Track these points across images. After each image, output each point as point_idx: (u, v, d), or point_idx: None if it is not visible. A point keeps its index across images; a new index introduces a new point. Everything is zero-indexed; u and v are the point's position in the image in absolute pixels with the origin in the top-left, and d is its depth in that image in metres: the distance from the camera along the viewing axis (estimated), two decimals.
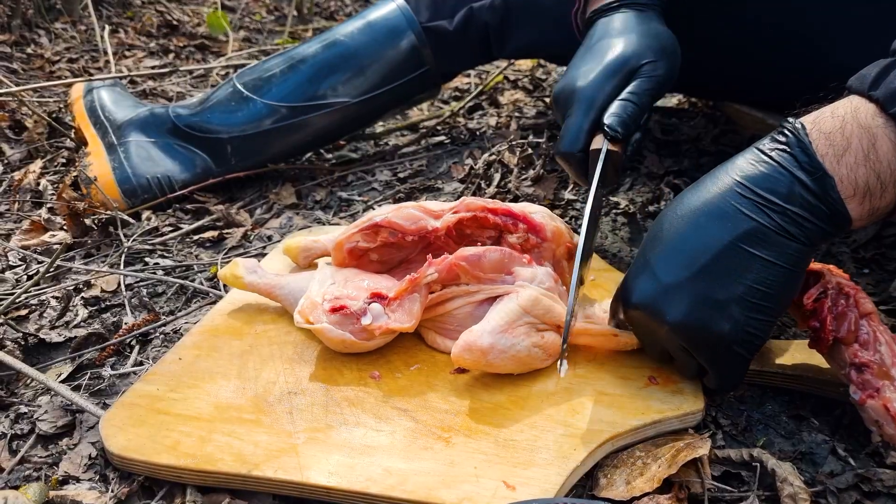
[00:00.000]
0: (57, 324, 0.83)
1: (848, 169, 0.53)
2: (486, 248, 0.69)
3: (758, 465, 0.58)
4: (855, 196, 0.54)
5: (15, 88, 1.37)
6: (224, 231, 1.03)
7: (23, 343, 0.77)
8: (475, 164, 1.17)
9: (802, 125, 0.56)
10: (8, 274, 0.94)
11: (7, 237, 1.04)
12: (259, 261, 0.89)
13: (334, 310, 0.66)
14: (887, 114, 0.53)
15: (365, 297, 0.67)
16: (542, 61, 1.74)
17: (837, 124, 0.54)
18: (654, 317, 0.58)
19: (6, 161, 1.29)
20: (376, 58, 1.13)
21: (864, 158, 0.53)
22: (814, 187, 0.54)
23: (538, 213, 0.74)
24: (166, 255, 0.98)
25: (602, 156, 0.70)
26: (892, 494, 0.55)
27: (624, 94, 0.73)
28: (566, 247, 0.75)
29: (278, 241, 0.98)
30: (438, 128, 1.44)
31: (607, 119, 0.71)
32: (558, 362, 0.61)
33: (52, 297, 0.87)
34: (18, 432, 0.66)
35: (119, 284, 0.90)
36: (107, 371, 0.73)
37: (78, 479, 0.60)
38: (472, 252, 0.68)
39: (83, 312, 0.84)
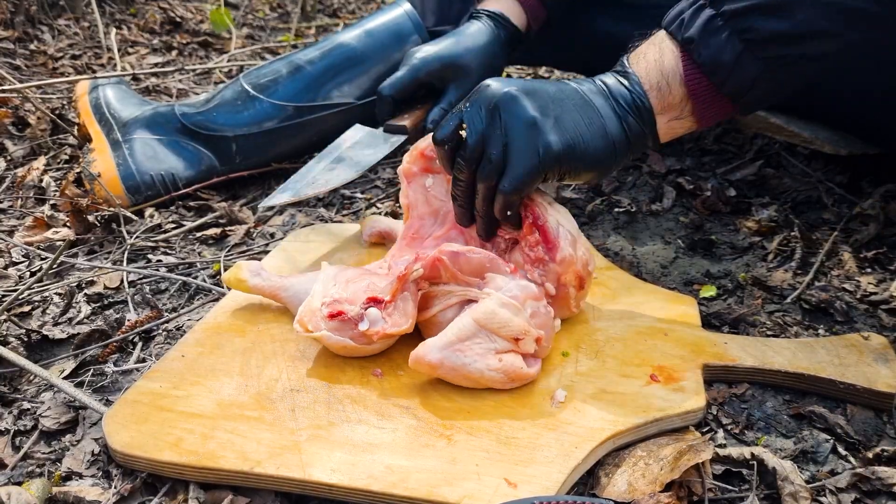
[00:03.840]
0: (60, 320, 0.83)
1: (645, 70, 0.70)
2: (469, 248, 0.69)
3: (758, 463, 0.58)
4: (651, 90, 0.69)
5: (18, 85, 1.37)
6: (227, 228, 1.03)
7: (26, 339, 0.78)
8: None
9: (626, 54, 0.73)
10: (11, 270, 0.94)
11: (10, 234, 1.04)
12: (261, 259, 0.90)
13: (332, 316, 0.66)
14: (667, 31, 0.71)
15: (361, 303, 0.67)
16: None
17: (644, 44, 0.72)
18: None
19: (9, 158, 1.29)
20: (382, 60, 1.13)
21: (654, 63, 0.70)
22: (625, 82, 0.70)
23: (563, 234, 0.70)
24: (169, 252, 0.98)
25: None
26: (891, 493, 0.55)
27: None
28: (576, 275, 0.70)
29: (281, 239, 0.98)
30: None
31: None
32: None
33: (55, 293, 0.88)
34: (21, 428, 0.66)
35: (122, 281, 0.90)
36: (110, 368, 0.74)
37: (81, 476, 0.60)
38: (454, 249, 0.68)
39: (86, 309, 0.85)
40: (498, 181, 0.68)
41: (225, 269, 0.90)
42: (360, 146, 0.97)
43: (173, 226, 1.05)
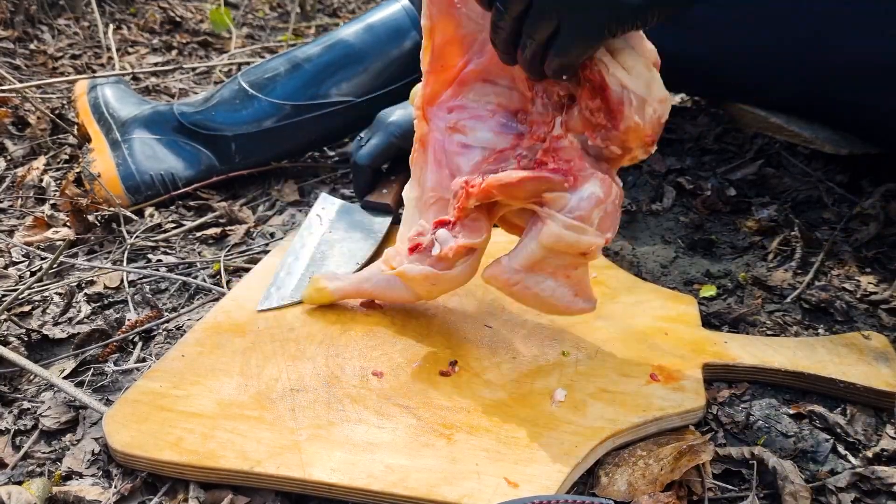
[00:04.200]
0: (60, 320, 0.83)
1: None
2: (521, 177, 0.62)
3: (758, 463, 0.58)
4: None
5: (18, 85, 1.38)
6: (227, 228, 1.03)
7: (26, 339, 0.78)
8: None
9: None
10: (11, 270, 0.94)
11: (10, 233, 1.04)
12: (261, 258, 0.90)
13: (412, 250, 0.68)
14: None
15: (430, 229, 0.68)
16: None
17: None
18: None
19: (9, 157, 1.29)
20: (380, 57, 1.13)
21: None
22: None
23: (627, 99, 0.58)
24: (169, 251, 0.98)
25: None
26: (891, 493, 0.55)
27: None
28: (642, 139, 0.60)
29: (281, 239, 0.98)
30: None
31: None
32: None
33: (55, 293, 0.88)
34: (22, 428, 0.66)
35: (122, 281, 0.90)
36: (110, 367, 0.74)
37: (81, 475, 0.60)
38: (502, 181, 0.63)
39: (86, 309, 0.85)
40: (551, 38, 0.55)
41: (225, 269, 0.90)
42: (343, 227, 0.92)
43: (173, 225, 1.05)
